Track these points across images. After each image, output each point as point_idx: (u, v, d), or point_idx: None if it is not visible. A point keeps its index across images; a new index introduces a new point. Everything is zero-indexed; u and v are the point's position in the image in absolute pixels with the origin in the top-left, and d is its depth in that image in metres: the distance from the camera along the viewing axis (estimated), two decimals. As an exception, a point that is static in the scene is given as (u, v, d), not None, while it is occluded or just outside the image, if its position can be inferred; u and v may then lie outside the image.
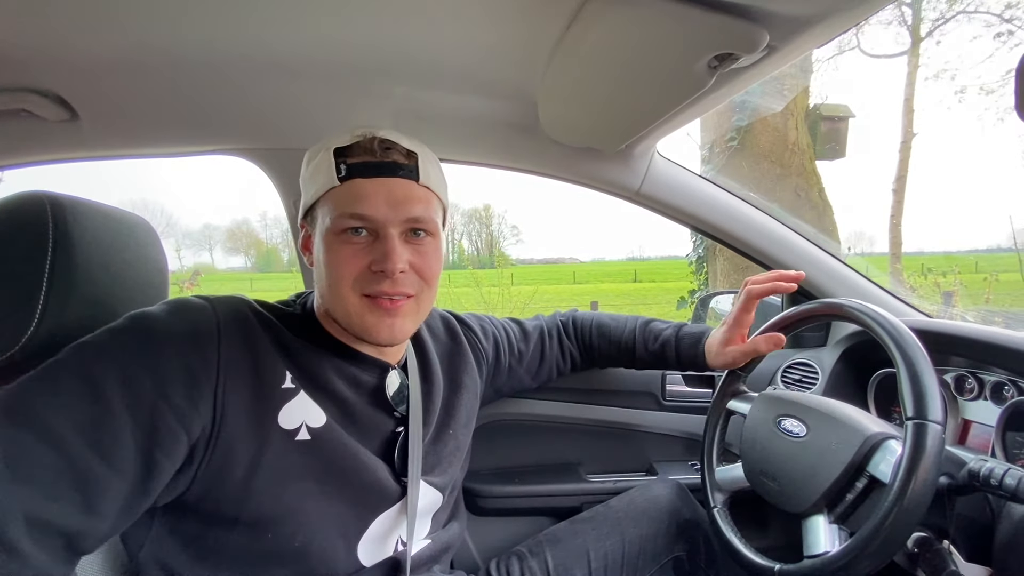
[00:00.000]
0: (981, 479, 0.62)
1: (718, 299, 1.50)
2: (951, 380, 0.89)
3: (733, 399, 0.93)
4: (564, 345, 1.05)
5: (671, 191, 1.09)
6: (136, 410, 0.51)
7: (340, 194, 0.62)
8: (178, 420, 0.53)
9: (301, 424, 0.61)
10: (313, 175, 0.64)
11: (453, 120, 1.00)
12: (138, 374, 0.51)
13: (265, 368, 0.59)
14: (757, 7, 0.54)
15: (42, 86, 0.84)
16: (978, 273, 8.16)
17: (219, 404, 0.55)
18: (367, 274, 0.62)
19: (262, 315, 0.63)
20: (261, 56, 0.79)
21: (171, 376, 0.53)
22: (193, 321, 0.57)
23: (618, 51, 0.64)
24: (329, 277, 0.63)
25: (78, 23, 0.69)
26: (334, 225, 0.62)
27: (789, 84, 3.72)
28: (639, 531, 0.90)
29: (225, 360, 0.56)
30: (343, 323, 0.65)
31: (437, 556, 0.76)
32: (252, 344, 0.59)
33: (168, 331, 0.55)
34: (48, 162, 1.01)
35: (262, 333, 0.61)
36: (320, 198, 0.63)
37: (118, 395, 0.50)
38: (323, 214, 0.63)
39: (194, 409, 0.54)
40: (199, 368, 0.55)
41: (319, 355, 0.65)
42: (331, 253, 0.62)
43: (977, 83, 8.20)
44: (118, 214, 0.67)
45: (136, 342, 0.53)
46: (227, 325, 0.58)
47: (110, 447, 0.49)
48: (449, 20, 0.69)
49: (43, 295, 0.54)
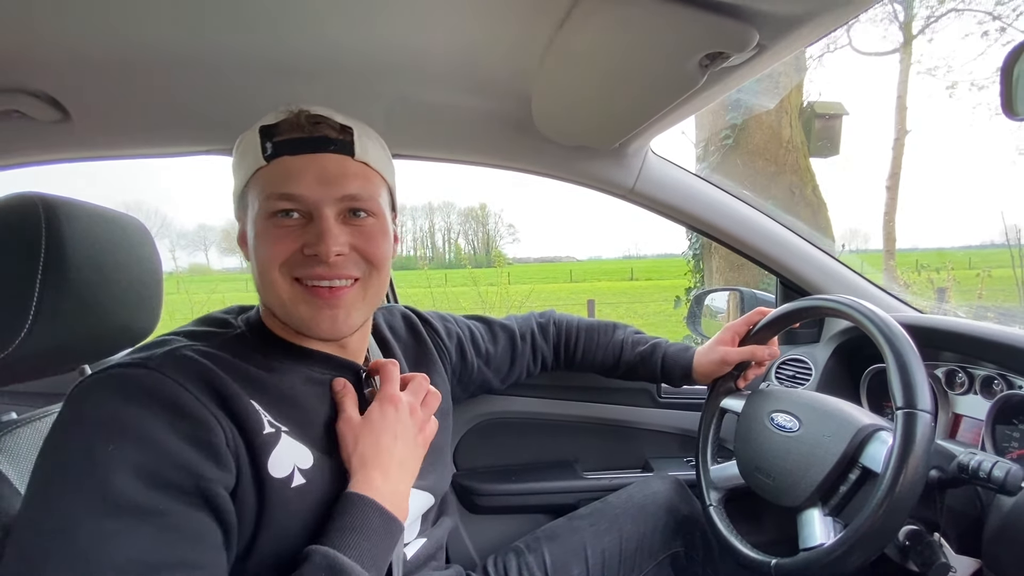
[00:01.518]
0: (970, 472, 0.63)
1: (713, 296, 1.51)
2: (942, 375, 0.90)
3: (726, 397, 0.94)
4: (537, 347, 1.03)
5: (665, 189, 1.09)
6: (188, 498, 0.47)
7: (267, 174, 0.57)
8: (225, 488, 0.50)
9: (293, 469, 0.56)
10: (241, 159, 0.60)
11: (447, 119, 1.00)
12: (162, 471, 0.47)
13: (241, 416, 0.53)
14: (746, 6, 0.54)
15: (34, 87, 0.84)
16: (971, 269, 8.21)
17: (237, 457, 0.52)
18: (298, 257, 0.57)
19: (210, 355, 0.56)
20: (253, 56, 0.79)
21: (191, 456, 0.48)
22: (159, 395, 0.50)
23: (610, 50, 0.65)
24: (259, 265, 0.58)
25: (70, 23, 0.69)
26: (263, 208, 0.57)
27: (783, 82, 3.73)
28: (636, 527, 0.90)
29: (214, 415, 0.51)
30: (281, 317, 0.60)
31: (433, 553, 0.76)
32: (219, 392, 0.53)
33: (148, 416, 0.48)
34: (41, 163, 1.00)
35: (222, 376, 0.54)
36: (248, 182, 0.59)
37: (162, 498, 0.46)
38: (252, 199, 0.59)
39: (228, 473, 0.51)
40: (203, 435, 0.50)
41: (284, 375, 0.60)
42: (259, 239, 0.57)
43: (968, 79, 8.24)
44: (111, 215, 0.67)
45: (134, 443, 0.47)
46: (187, 381, 0.51)
47: (197, 534, 0.47)
48: (442, 19, 0.69)
49: (36, 297, 0.54)
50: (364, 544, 0.52)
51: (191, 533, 0.47)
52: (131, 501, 0.44)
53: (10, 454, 0.55)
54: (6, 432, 0.56)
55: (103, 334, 0.64)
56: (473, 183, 68.43)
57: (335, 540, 0.51)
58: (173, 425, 0.48)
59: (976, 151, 70.66)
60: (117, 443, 0.46)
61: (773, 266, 1.15)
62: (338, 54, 0.79)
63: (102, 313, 0.62)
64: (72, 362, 0.68)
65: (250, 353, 0.60)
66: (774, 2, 0.53)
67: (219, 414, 0.52)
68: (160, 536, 0.45)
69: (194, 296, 6.02)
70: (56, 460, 0.46)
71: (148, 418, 0.48)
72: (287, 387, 0.60)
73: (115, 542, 0.43)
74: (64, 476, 0.45)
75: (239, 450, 0.52)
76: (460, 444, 1.22)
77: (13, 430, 0.57)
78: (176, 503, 0.47)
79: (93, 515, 0.43)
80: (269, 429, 0.55)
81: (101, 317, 0.62)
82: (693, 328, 1.50)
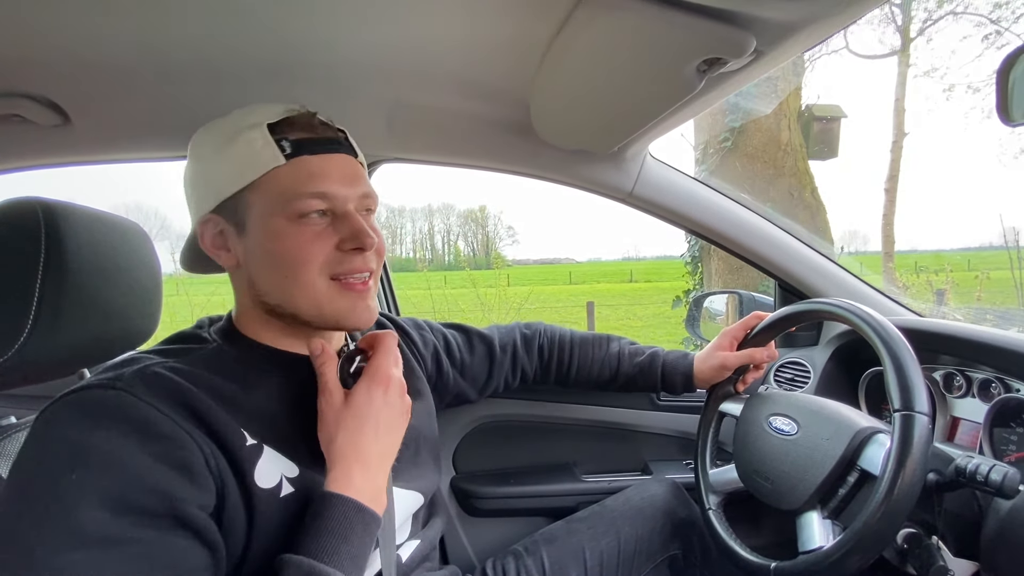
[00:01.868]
0: (968, 475, 0.64)
1: (712, 299, 1.51)
2: (940, 378, 0.90)
3: (725, 401, 0.94)
4: (518, 359, 0.99)
5: (663, 193, 1.10)
6: (161, 522, 0.46)
7: (289, 173, 0.56)
8: (203, 508, 0.49)
9: (280, 478, 0.55)
10: (236, 157, 0.57)
11: (445, 123, 1.00)
12: (130, 497, 0.45)
13: (219, 432, 0.52)
14: (744, 13, 0.54)
15: (34, 91, 0.84)
16: (970, 271, 8.23)
17: (218, 474, 0.51)
18: (335, 255, 0.58)
19: (182, 371, 0.54)
20: (252, 59, 0.79)
21: (161, 477, 0.47)
22: (128, 416, 0.48)
23: (607, 55, 0.65)
24: (288, 267, 0.57)
25: (69, 27, 0.69)
26: (289, 209, 0.56)
27: (781, 85, 3.74)
28: (634, 530, 0.90)
29: (188, 433, 0.50)
30: (309, 315, 0.59)
31: (427, 554, 0.76)
32: (193, 409, 0.52)
33: (115, 439, 0.46)
34: (41, 167, 1.01)
35: (196, 392, 0.53)
36: (255, 182, 0.57)
37: (131, 527, 0.44)
38: (263, 199, 0.57)
39: (206, 492, 0.49)
40: (177, 453, 0.48)
41: (262, 385, 0.59)
42: (289, 239, 0.56)
43: (966, 81, 8.28)
44: (110, 219, 0.67)
45: (98, 469, 0.45)
46: (158, 400, 0.50)
47: (172, 562, 0.45)
48: (440, 24, 0.70)
49: (36, 301, 0.54)
50: (344, 548, 0.51)
51: (165, 560, 0.45)
52: (97, 532, 0.43)
53: (9, 458, 0.55)
54: (5, 436, 0.57)
55: (103, 338, 0.64)
56: (473, 185, 68.55)
57: (312, 546, 0.50)
58: (143, 447, 0.47)
59: (974, 153, 70.85)
60: (80, 471, 0.44)
61: (771, 269, 1.15)
62: (338, 58, 0.79)
63: (102, 317, 0.62)
64: (72, 366, 0.68)
65: (226, 366, 0.58)
66: (771, 8, 0.54)
67: (194, 432, 0.50)
68: (131, 566, 0.43)
69: (194, 298, 6.00)
70: (20, 491, 0.45)
71: (115, 441, 0.46)
72: (265, 398, 0.59)
73: (103, 569, 0.42)
74: (28, 508, 0.43)
75: (220, 466, 0.51)
76: (459, 447, 1.22)
77: (12, 434, 0.57)
78: (147, 529, 0.45)
79: (58, 549, 0.42)
80: (251, 441, 0.54)
81: (101, 321, 0.62)
82: (692, 331, 1.50)
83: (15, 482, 0.46)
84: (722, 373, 0.94)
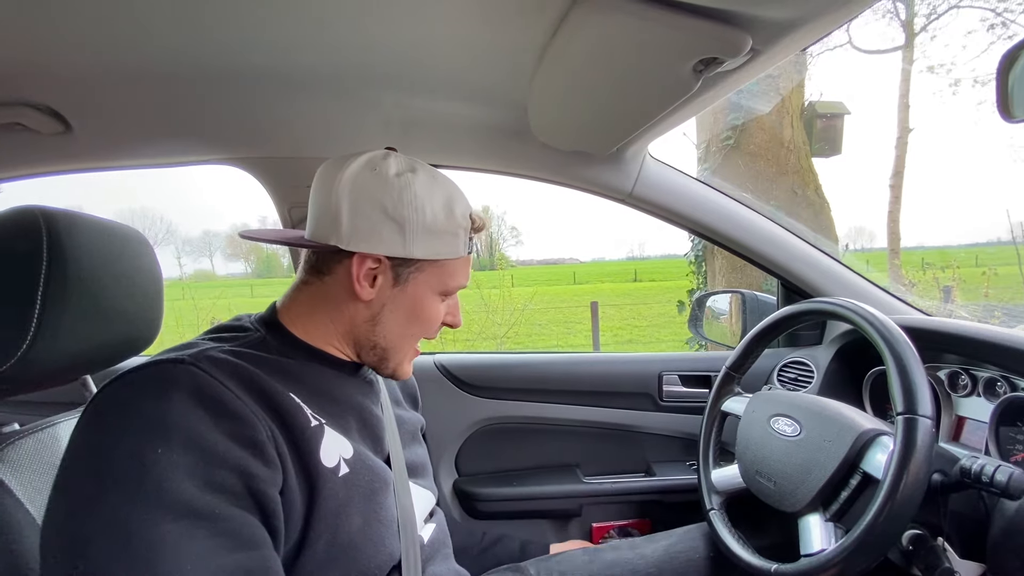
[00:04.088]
0: (973, 476, 0.63)
1: (714, 298, 1.51)
2: (944, 377, 0.89)
3: (728, 400, 0.94)
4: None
5: (664, 193, 1.09)
6: (240, 500, 0.47)
7: (461, 265, 0.67)
8: (273, 487, 0.50)
9: (339, 459, 0.58)
10: (442, 234, 0.63)
11: (442, 126, 1.00)
12: (212, 474, 0.46)
13: (285, 412, 0.54)
14: (739, 12, 0.54)
15: (36, 99, 0.85)
16: (978, 267, 8.16)
17: (280, 455, 0.52)
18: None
19: (241, 354, 0.57)
20: (252, 67, 0.79)
21: (239, 455, 0.48)
22: (200, 392, 0.49)
23: (604, 56, 0.65)
24: (417, 328, 0.67)
25: (71, 37, 0.70)
26: (445, 287, 0.66)
27: (783, 83, 3.73)
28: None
29: (254, 414, 0.51)
30: (391, 362, 0.68)
31: (443, 539, 0.77)
32: (259, 388, 0.54)
33: (191, 414, 0.47)
34: (44, 174, 1.01)
35: (259, 372, 0.55)
36: (439, 259, 0.65)
37: (216, 500, 0.46)
38: (433, 274, 0.65)
39: (276, 471, 0.51)
40: (248, 432, 0.50)
41: (316, 377, 0.63)
42: (432, 310, 0.67)
43: (972, 76, 8.21)
44: (111, 226, 0.67)
45: (182, 445, 0.46)
46: (225, 378, 0.51)
47: (252, 538, 0.47)
48: (436, 27, 0.70)
49: (38, 310, 0.54)
50: None
51: (246, 538, 0.46)
52: (187, 506, 0.44)
53: (13, 465, 0.55)
54: (9, 443, 0.57)
55: (105, 345, 0.64)
56: (476, 186, 68.53)
57: None
58: (217, 424, 0.48)
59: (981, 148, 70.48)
60: (164, 446, 0.45)
61: (774, 268, 1.14)
62: (337, 64, 0.80)
63: (104, 324, 0.62)
64: (74, 373, 0.68)
65: (278, 351, 0.61)
66: (767, 7, 0.53)
67: (259, 411, 0.51)
68: (217, 541, 0.44)
69: (199, 302, 6.04)
70: (101, 464, 0.45)
71: (193, 416, 0.47)
72: (317, 382, 0.62)
73: (174, 548, 0.42)
74: (115, 481, 0.44)
75: (282, 447, 0.52)
76: (462, 449, 1.22)
77: (15, 441, 0.57)
78: (230, 507, 0.46)
79: (153, 521, 0.42)
80: (314, 422, 0.56)
81: (103, 328, 0.62)
82: (695, 330, 1.50)
83: (90, 458, 0.46)
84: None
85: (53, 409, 0.69)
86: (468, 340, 5.55)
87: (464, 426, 1.21)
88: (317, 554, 0.54)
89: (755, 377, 1.15)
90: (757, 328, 0.93)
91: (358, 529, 0.58)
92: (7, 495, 0.54)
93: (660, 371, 1.23)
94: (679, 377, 1.25)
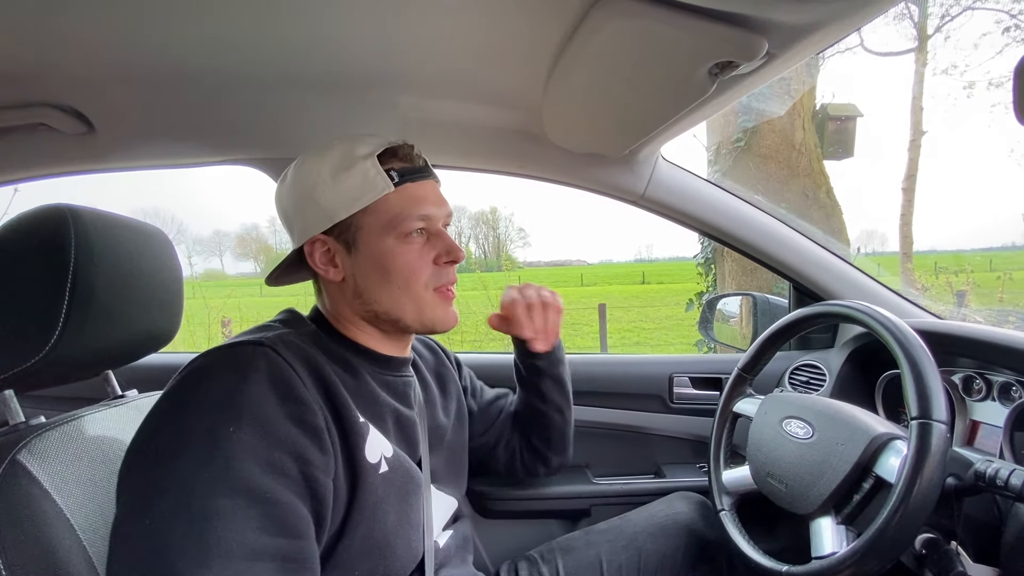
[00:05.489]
0: (987, 480, 0.63)
1: (725, 301, 1.50)
2: (959, 381, 0.89)
3: (739, 401, 0.94)
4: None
5: (676, 195, 1.09)
6: (294, 486, 0.50)
7: (397, 199, 0.64)
8: (325, 475, 0.53)
9: (380, 457, 0.61)
10: (349, 185, 0.63)
11: (458, 128, 1.01)
12: (273, 456, 0.49)
13: (339, 404, 0.57)
14: (756, 16, 0.54)
15: (60, 101, 0.87)
16: (992, 271, 8.05)
17: (334, 444, 0.55)
18: (435, 269, 0.67)
19: (308, 343, 0.60)
20: (271, 69, 0.81)
21: (298, 440, 0.51)
22: (272, 374, 0.53)
23: (620, 60, 0.65)
24: (399, 279, 0.65)
25: (93, 40, 0.72)
26: (399, 229, 0.64)
27: (795, 86, 3.70)
28: (657, 547, 0.87)
29: (315, 401, 0.54)
30: (410, 320, 0.66)
31: (462, 545, 0.78)
32: (321, 378, 0.57)
33: (263, 396, 0.51)
34: (66, 174, 1.04)
35: (323, 363, 0.59)
36: (368, 207, 0.64)
37: (273, 484, 0.49)
38: (374, 221, 0.64)
39: (329, 458, 0.54)
40: (309, 418, 0.53)
41: (360, 376, 0.65)
42: (400, 256, 0.64)
43: (986, 78, 8.11)
44: (135, 225, 0.69)
45: (251, 426, 0.49)
46: (296, 364, 0.55)
47: (296, 527, 0.50)
48: (453, 30, 0.71)
49: (65, 306, 0.56)
50: None
51: (291, 525, 0.49)
52: (246, 484, 0.47)
53: (40, 456, 0.57)
54: (37, 435, 0.58)
55: (127, 341, 0.66)
56: (484, 187, 68.75)
57: None
58: (283, 406, 0.51)
59: (996, 151, 69.28)
60: (235, 424, 0.48)
61: (786, 271, 1.14)
62: (353, 67, 0.81)
63: (127, 321, 0.64)
64: (98, 368, 0.70)
65: (331, 348, 0.64)
66: (783, 12, 0.54)
67: (319, 399, 0.55)
68: (265, 523, 0.47)
69: (210, 301, 6.09)
70: (181, 436, 0.49)
71: (263, 399, 0.50)
72: (364, 384, 0.65)
73: (227, 522, 0.45)
74: (186, 449, 0.47)
75: (335, 436, 0.55)
76: (472, 449, 1.22)
77: (43, 433, 0.59)
78: (284, 491, 0.49)
79: (214, 492, 0.46)
80: (362, 418, 0.60)
81: (126, 325, 0.64)
82: (705, 333, 1.50)
83: (171, 425, 0.50)
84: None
85: (75, 404, 0.70)
86: (476, 341, 5.56)
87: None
88: (353, 545, 0.56)
89: (767, 380, 1.15)
90: (770, 330, 0.93)
91: (392, 527, 0.60)
92: (34, 485, 0.55)
93: (671, 373, 1.23)
94: (690, 379, 1.25)
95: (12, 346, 0.56)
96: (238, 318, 5.40)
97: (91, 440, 0.63)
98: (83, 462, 0.60)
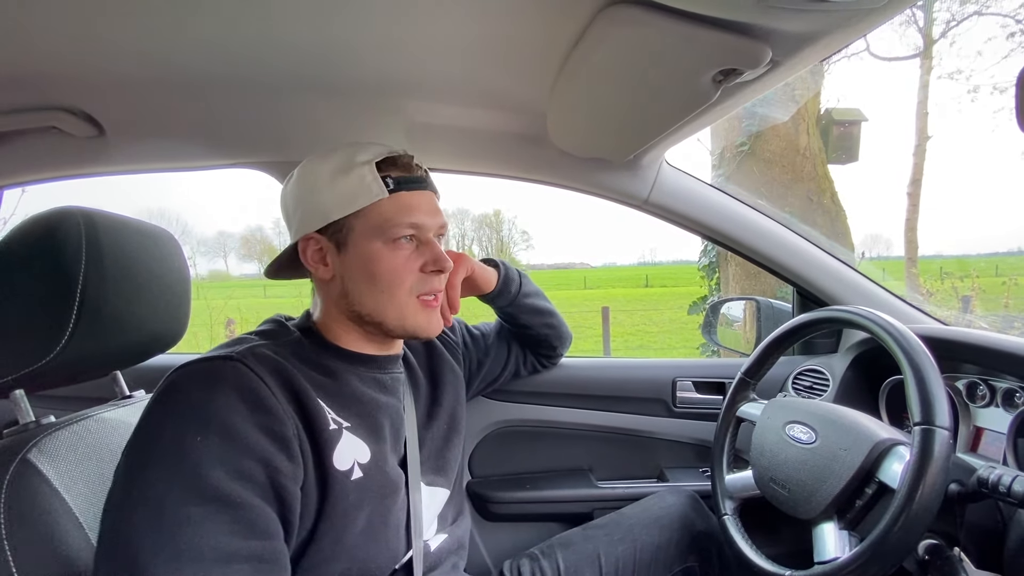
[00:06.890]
0: (990, 486, 0.63)
1: (729, 305, 1.50)
2: (963, 387, 0.88)
3: (743, 405, 0.94)
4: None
5: (680, 199, 1.10)
6: (262, 491, 0.52)
7: (390, 206, 0.66)
8: (294, 483, 0.55)
9: (353, 463, 0.62)
10: (345, 188, 0.65)
11: (463, 132, 1.02)
12: (242, 464, 0.51)
13: (310, 412, 0.59)
14: (760, 25, 0.55)
15: (71, 104, 0.88)
16: (998, 277, 8.00)
17: (303, 452, 0.56)
18: (421, 277, 0.68)
19: (283, 353, 0.62)
20: (278, 73, 0.82)
21: (267, 448, 0.53)
22: (241, 386, 0.54)
23: (625, 67, 0.66)
24: (383, 283, 0.66)
25: (106, 45, 0.73)
26: (388, 234, 0.65)
27: (800, 91, 3.70)
28: (652, 539, 0.90)
29: (285, 411, 0.56)
30: (392, 325, 0.68)
31: (455, 550, 0.78)
32: (292, 388, 0.59)
33: (231, 406, 0.52)
34: (76, 176, 1.05)
35: (295, 373, 0.60)
36: (362, 210, 0.65)
37: (241, 490, 0.50)
38: (365, 225, 0.66)
39: (298, 467, 0.55)
40: (278, 428, 0.54)
41: (341, 376, 0.66)
42: (386, 261, 0.66)
43: (991, 83, 8.09)
44: (144, 227, 0.70)
45: (218, 435, 0.51)
46: (265, 375, 0.56)
47: (267, 529, 0.51)
48: (460, 36, 0.72)
49: (76, 307, 0.56)
50: None
51: (262, 528, 0.51)
52: (215, 492, 0.48)
53: (50, 455, 0.57)
54: (47, 434, 0.59)
55: (136, 342, 0.67)
56: (487, 190, 69.05)
57: None
58: (251, 416, 0.53)
59: (1002, 155, 69.11)
60: (203, 434, 0.50)
61: (789, 276, 1.14)
62: (360, 72, 0.82)
63: (136, 322, 0.65)
64: (106, 368, 0.71)
65: (311, 355, 0.66)
66: (787, 20, 0.54)
67: (289, 409, 0.56)
68: (235, 527, 0.49)
69: (212, 302, 6.13)
70: (148, 445, 0.51)
71: (231, 408, 0.52)
72: (346, 385, 0.66)
73: (198, 528, 0.47)
74: (156, 460, 0.49)
75: (305, 445, 0.57)
76: (475, 452, 1.23)
77: (52, 432, 0.60)
78: (253, 496, 0.51)
79: (183, 501, 0.47)
80: (333, 426, 0.61)
81: (135, 326, 0.65)
82: (709, 337, 1.50)
83: (143, 438, 0.52)
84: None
85: (84, 404, 0.71)
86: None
87: (477, 429, 1.22)
88: (323, 550, 0.58)
89: (770, 384, 1.15)
90: (774, 334, 0.93)
91: (362, 531, 0.61)
92: (44, 483, 0.56)
93: (674, 377, 1.23)
94: (693, 383, 1.25)
95: (23, 346, 0.57)
96: (240, 319, 5.43)
97: (100, 439, 0.64)
98: (92, 461, 0.61)
